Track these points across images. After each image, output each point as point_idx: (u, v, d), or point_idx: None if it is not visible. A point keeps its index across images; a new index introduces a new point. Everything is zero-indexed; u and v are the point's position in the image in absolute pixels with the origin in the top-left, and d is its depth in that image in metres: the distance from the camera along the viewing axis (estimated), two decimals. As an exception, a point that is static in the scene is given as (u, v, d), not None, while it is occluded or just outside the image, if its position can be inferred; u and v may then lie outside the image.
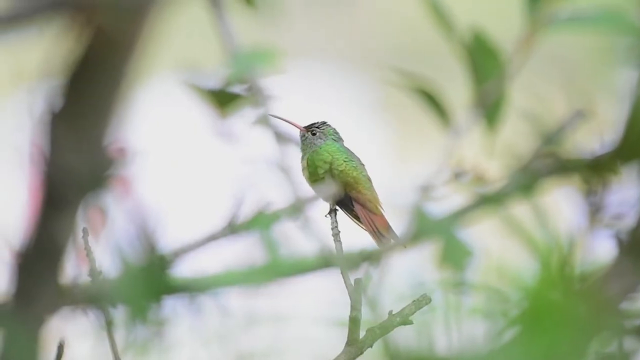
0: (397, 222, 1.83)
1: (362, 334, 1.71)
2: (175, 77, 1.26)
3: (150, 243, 1.13)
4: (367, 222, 1.87)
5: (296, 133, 1.91)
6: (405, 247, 1.20)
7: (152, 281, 1.12)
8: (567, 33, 1.17)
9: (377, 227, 1.87)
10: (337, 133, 1.92)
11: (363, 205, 1.88)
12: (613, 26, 1.15)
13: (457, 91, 1.22)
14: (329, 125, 1.92)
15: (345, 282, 1.72)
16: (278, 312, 1.70)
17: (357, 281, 1.70)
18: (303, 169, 1.91)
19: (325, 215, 1.86)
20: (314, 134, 1.90)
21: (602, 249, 1.14)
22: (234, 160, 1.27)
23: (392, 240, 1.85)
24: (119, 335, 1.56)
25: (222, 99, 1.26)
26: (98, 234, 1.17)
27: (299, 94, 3.17)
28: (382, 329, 1.71)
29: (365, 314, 1.70)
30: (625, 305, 1.12)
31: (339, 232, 1.84)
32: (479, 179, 1.19)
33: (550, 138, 1.15)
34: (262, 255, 1.17)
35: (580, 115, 1.16)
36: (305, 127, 1.91)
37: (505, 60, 1.18)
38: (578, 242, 1.14)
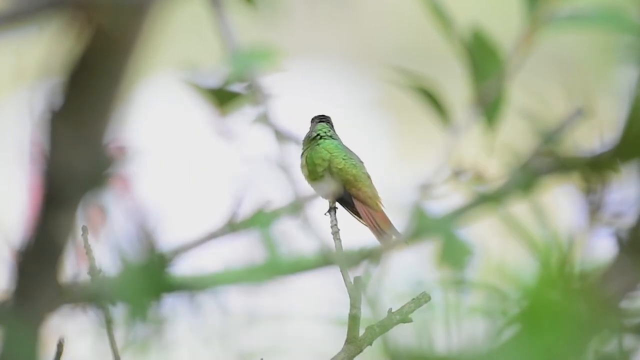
0: (398, 220, 1.83)
1: (361, 332, 1.71)
2: (175, 75, 1.26)
3: (149, 241, 1.13)
4: (368, 218, 1.87)
5: (295, 131, 1.91)
6: (406, 243, 1.20)
7: (151, 279, 1.12)
8: (567, 31, 1.17)
9: (378, 223, 1.87)
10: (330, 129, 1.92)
11: (363, 202, 1.88)
12: (612, 24, 1.15)
13: (457, 90, 1.22)
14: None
15: (344, 280, 1.72)
16: (278, 310, 1.70)
17: (357, 279, 1.70)
18: (302, 166, 1.91)
19: (325, 214, 1.86)
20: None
21: (602, 248, 1.14)
22: (234, 159, 1.27)
23: (393, 236, 1.85)
24: (119, 333, 1.56)
25: (222, 98, 1.26)
26: (98, 232, 1.17)
27: (300, 93, 3.17)
28: (382, 327, 1.71)
29: (364, 312, 1.71)
30: (625, 304, 1.12)
31: (339, 230, 1.84)
32: (479, 177, 1.19)
33: (550, 136, 1.15)
34: (261, 254, 1.17)
35: (579, 114, 1.16)
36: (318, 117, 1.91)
37: (505, 58, 1.18)
38: (578, 241, 1.14)
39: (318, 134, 1.92)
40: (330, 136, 1.92)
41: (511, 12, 1.21)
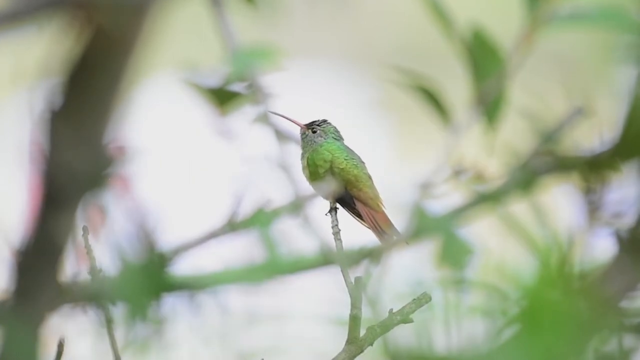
0: (398, 220, 1.83)
1: (362, 332, 1.71)
2: (175, 75, 1.26)
3: (149, 241, 1.13)
4: (369, 219, 1.87)
5: (296, 131, 1.92)
6: (406, 243, 1.20)
7: (151, 279, 1.12)
8: (567, 30, 1.17)
9: (379, 224, 1.87)
10: (337, 131, 1.92)
11: (364, 203, 1.88)
12: (613, 23, 1.15)
13: (457, 90, 1.22)
14: (330, 123, 1.92)
15: (345, 280, 1.72)
16: (278, 310, 1.70)
17: (358, 279, 1.70)
18: (303, 168, 1.91)
19: (326, 214, 1.86)
20: (314, 132, 1.90)
21: (602, 247, 1.14)
22: (234, 158, 1.27)
23: (394, 237, 1.85)
24: (119, 333, 1.56)
25: (222, 97, 1.26)
26: (97, 232, 1.17)
27: (300, 93, 3.17)
28: (383, 328, 1.71)
29: (365, 312, 1.71)
30: (625, 304, 1.12)
31: (339, 230, 1.84)
32: (479, 176, 1.19)
33: (550, 136, 1.15)
34: (261, 253, 1.17)
35: (579, 113, 1.16)
36: (305, 125, 1.91)
37: (505, 58, 1.18)
38: (577, 240, 1.14)
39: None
40: (335, 137, 1.92)
41: (511, 12, 1.22)
